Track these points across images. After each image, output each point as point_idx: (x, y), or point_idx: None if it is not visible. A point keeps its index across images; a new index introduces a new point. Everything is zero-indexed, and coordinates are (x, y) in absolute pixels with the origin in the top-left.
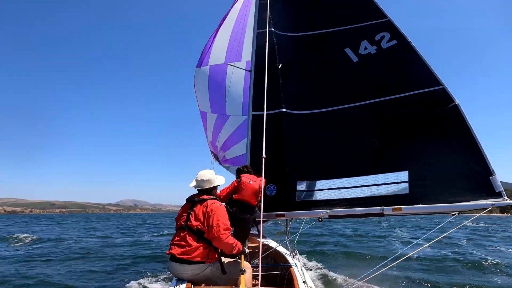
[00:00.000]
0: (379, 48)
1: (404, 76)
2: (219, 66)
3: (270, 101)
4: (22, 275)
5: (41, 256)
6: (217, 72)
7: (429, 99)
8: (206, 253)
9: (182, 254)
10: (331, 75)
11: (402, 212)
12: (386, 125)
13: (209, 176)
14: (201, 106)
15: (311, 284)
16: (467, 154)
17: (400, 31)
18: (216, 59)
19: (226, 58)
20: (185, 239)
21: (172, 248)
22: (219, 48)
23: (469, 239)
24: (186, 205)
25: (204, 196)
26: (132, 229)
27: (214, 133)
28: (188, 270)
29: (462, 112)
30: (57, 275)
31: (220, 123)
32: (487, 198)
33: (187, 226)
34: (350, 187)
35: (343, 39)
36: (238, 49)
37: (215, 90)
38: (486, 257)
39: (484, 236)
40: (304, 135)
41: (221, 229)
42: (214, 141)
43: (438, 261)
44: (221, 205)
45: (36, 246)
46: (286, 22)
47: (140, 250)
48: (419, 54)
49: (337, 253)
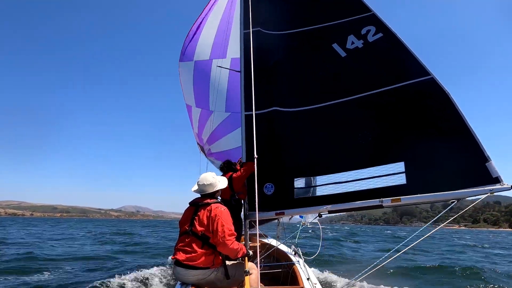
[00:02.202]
0: (366, 42)
1: (392, 68)
2: (204, 62)
3: (262, 100)
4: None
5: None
6: (202, 68)
7: (419, 89)
8: (211, 260)
9: (187, 260)
10: (321, 71)
11: (401, 203)
12: (379, 118)
13: (210, 180)
14: (186, 99)
15: (315, 280)
16: (461, 142)
17: (385, 23)
18: (201, 55)
19: (211, 55)
20: (190, 245)
21: (177, 253)
22: (204, 45)
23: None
24: (190, 209)
25: (207, 200)
26: (97, 237)
27: (200, 126)
28: (193, 275)
29: (453, 100)
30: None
31: (204, 117)
32: (485, 184)
33: (191, 231)
34: (348, 181)
35: (330, 35)
36: (223, 46)
37: (200, 85)
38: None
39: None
40: (299, 132)
41: (226, 235)
42: (200, 134)
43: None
44: (225, 209)
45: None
46: (272, 21)
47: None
48: (405, 45)
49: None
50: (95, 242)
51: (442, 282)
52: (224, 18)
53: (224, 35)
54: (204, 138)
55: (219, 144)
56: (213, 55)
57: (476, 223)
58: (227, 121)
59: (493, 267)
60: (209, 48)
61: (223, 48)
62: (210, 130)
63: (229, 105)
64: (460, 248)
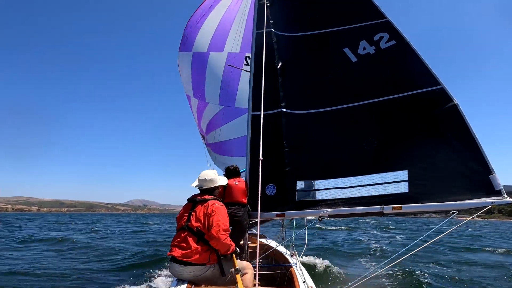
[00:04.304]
0: (378, 48)
1: (403, 76)
2: (201, 54)
3: (269, 101)
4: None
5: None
6: (199, 60)
7: (428, 98)
8: (207, 256)
9: (183, 257)
10: (330, 75)
11: (402, 211)
12: (385, 125)
13: (211, 176)
14: (186, 89)
15: (312, 283)
16: (467, 153)
17: (399, 31)
18: (200, 47)
19: (209, 47)
20: (186, 241)
21: (173, 249)
22: (204, 36)
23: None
24: (188, 205)
25: (205, 196)
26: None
27: (198, 116)
28: (189, 271)
29: (461, 111)
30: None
31: (201, 108)
32: (487, 196)
33: (187, 227)
34: (350, 187)
35: (342, 39)
36: (221, 41)
37: (197, 77)
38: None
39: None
40: (303, 135)
41: (221, 230)
42: (200, 123)
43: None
44: (222, 206)
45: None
46: (285, 22)
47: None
48: (418, 54)
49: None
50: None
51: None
52: (227, 13)
53: (224, 29)
54: (203, 127)
55: (213, 135)
56: (211, 48)
57: (490, 214)
58: (220, 114)
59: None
60: (208, 40)
61: (221, 42)
62: (206, 121)
63: (222, 99)
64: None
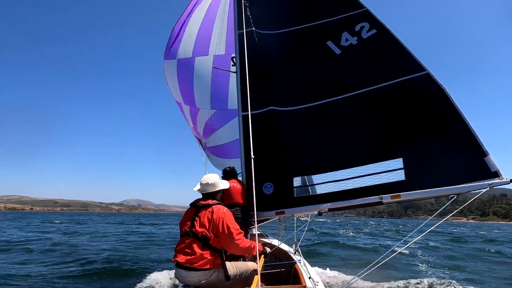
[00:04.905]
0: (360, 39)
1: (387, 64)
2: (187, 60)
3: (259, 100)
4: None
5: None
6: (185, 66)
7: (415, 85)
8: (212, 261)
9: (188, 263)
10: (316, 69)
11: (401, 199)
12: (376, 115)
13: (213, 179)
14: (175, 96)
15: (317, 279)
16: (459, 137)
17: (379, 20)
18: (184, 53)
19: (193, 52)
20: (190, 246)
21: (178, 255)
22: (186, 42)
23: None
24: (191, 210)
25: (209, 201)
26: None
27: (193, 122)
28: (194, 276)
29: (449, 96)
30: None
31: (194, 114)
32: (484, 179)
33: (192, 232)
34: (347, 179)
35: (324, 33)
36: (205, 44)
37: (185, 83)
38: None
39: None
40: (296, 131)
41: (235, 235)
42: (195, 128)
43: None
44: (227, 210)
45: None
46: (266, 20)
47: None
48: (399, 41)
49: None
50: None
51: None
52: (207, 15)
53: (206, 32)
54: (200, 132)
55: (212, 138)
56: (196, 53)
57: (485, 216)
58: (215, 118)
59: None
60: (191, 45)
61: (205, 45)
62: (201, 126)
63: (214, 102)
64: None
